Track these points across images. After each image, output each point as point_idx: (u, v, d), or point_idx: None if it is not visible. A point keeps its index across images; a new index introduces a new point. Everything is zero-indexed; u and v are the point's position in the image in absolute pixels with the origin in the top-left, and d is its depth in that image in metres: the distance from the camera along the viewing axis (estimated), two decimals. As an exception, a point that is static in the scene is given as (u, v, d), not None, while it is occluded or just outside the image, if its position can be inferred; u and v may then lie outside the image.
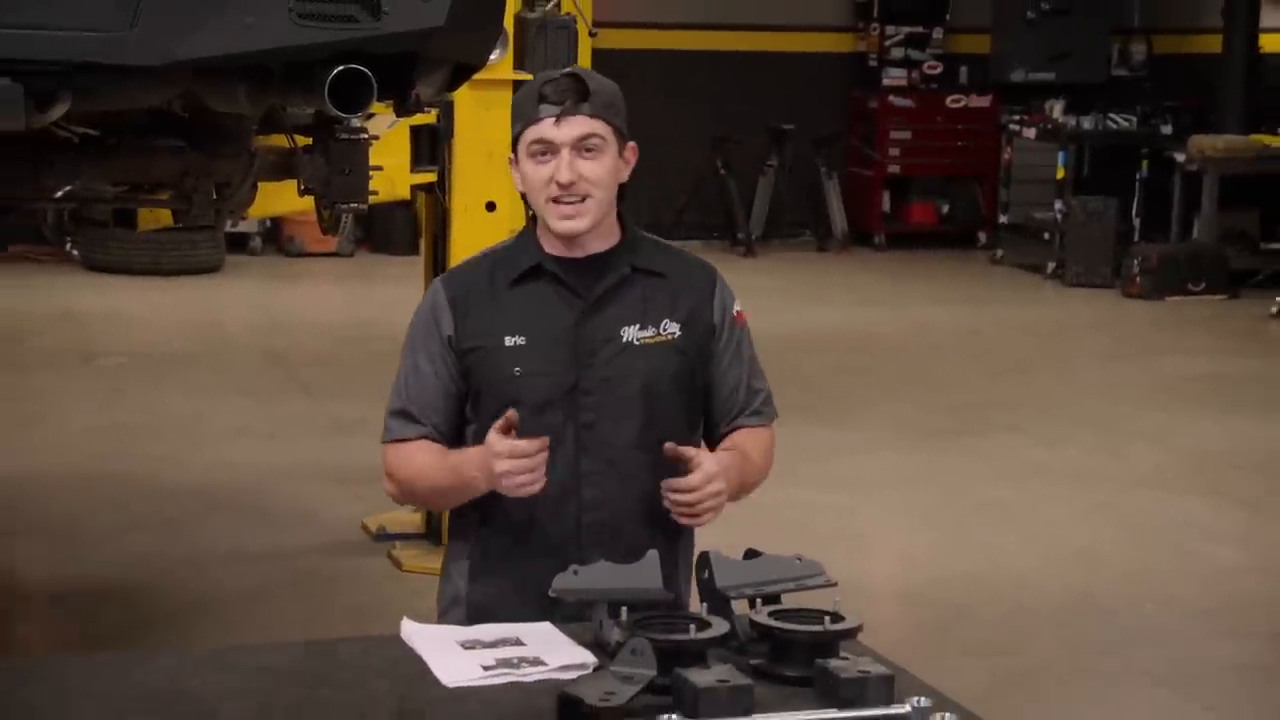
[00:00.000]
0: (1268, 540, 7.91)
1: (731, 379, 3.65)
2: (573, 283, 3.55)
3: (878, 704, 2.78)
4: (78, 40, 4.29)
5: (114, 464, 8.54)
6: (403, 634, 3.13)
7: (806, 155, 16.35)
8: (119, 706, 2.81)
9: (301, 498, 7.94)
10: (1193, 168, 14.43)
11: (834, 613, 3.01)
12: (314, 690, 2.91)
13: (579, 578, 3.03)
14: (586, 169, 3.48)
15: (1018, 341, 12.52)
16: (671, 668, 2.79)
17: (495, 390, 3.54)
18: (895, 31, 16.59)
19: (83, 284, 13.47)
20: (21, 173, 5.04)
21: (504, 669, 2.95)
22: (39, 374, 10.52)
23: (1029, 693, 5.84)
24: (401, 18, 4.40)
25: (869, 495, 8.45)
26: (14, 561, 7.20)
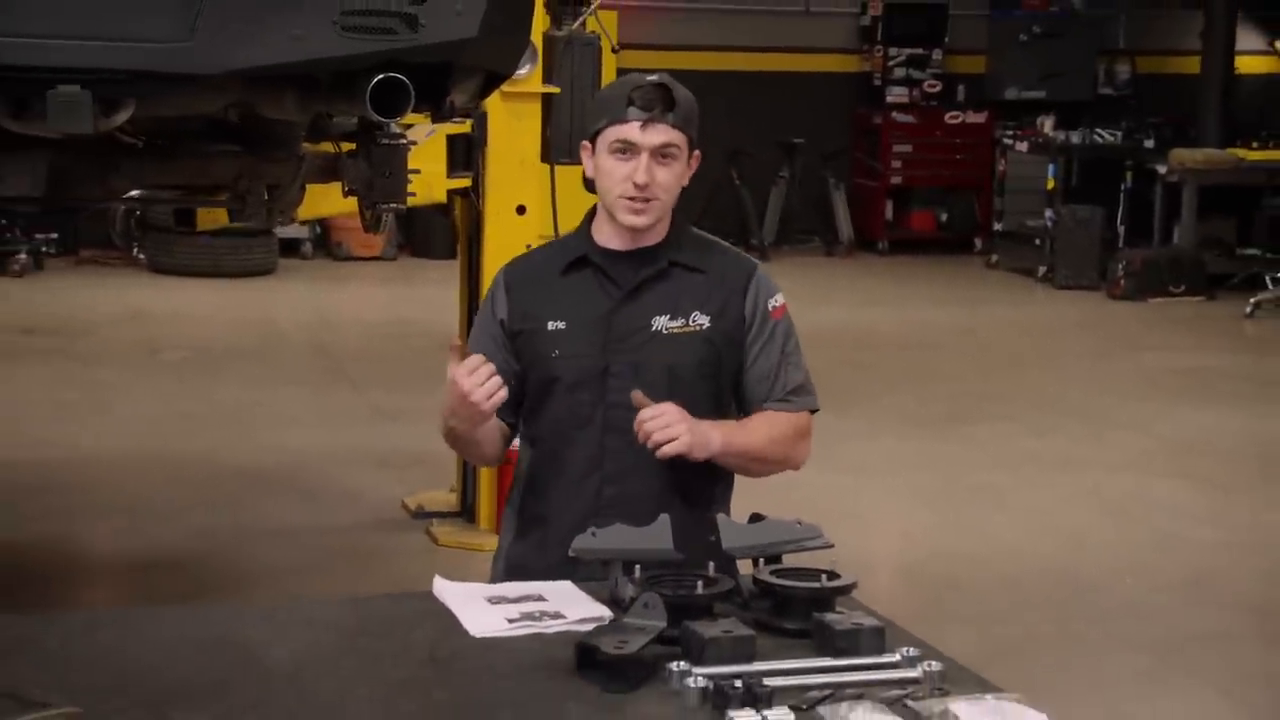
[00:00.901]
0: (1239, 520, 7.90)
1: (761, 368, 3.60)
2: (614, 273, 3.54)
3: (870, 653, 2.79)
4: (140, 50, 4.31)
5: (176, 447, 8.58)
6: (434, 590, 3.13)
7: (815, 167, 16.39)
8: (176, 652, 2.82)
9: (346, 479, 7.95)
10: (1173, 179, 14.45)
11: (831, 571, 3.00)
12: (353, 640, 2.92)
13: (596, 539, 3.03)
14: (660, 174, 3.46)
15: (1010, 339, 12.52)
16: (680, 620, 2.79)
17: (537, 369, 3.55)
18: (898, 53, 16.62)
19: (148, 285, 13.55)
20: (90, 175, 5.05)
21: (527, 622, 2.95)
22: (109, 366, 10.59)
23: (1018, 658, 5.83)
24: (437, 30, 4.40)
25: (872, 478, 8.45)
26: (87, 534, 7.25)
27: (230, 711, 2.56)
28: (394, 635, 2.93)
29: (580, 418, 3.51)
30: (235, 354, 11.03)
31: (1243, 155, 14.57)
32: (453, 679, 2.74)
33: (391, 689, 2.69)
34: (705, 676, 2.63)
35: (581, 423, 3.51)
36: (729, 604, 2.97)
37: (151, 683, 2.66)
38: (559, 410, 3.52)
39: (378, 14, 4.37)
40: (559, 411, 3.52)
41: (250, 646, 2.86)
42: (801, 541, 3.09)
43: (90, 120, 4.30)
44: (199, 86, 4.42)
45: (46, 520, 7.40)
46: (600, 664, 2.71)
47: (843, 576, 2.99)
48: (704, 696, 2.61)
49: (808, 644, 2.85)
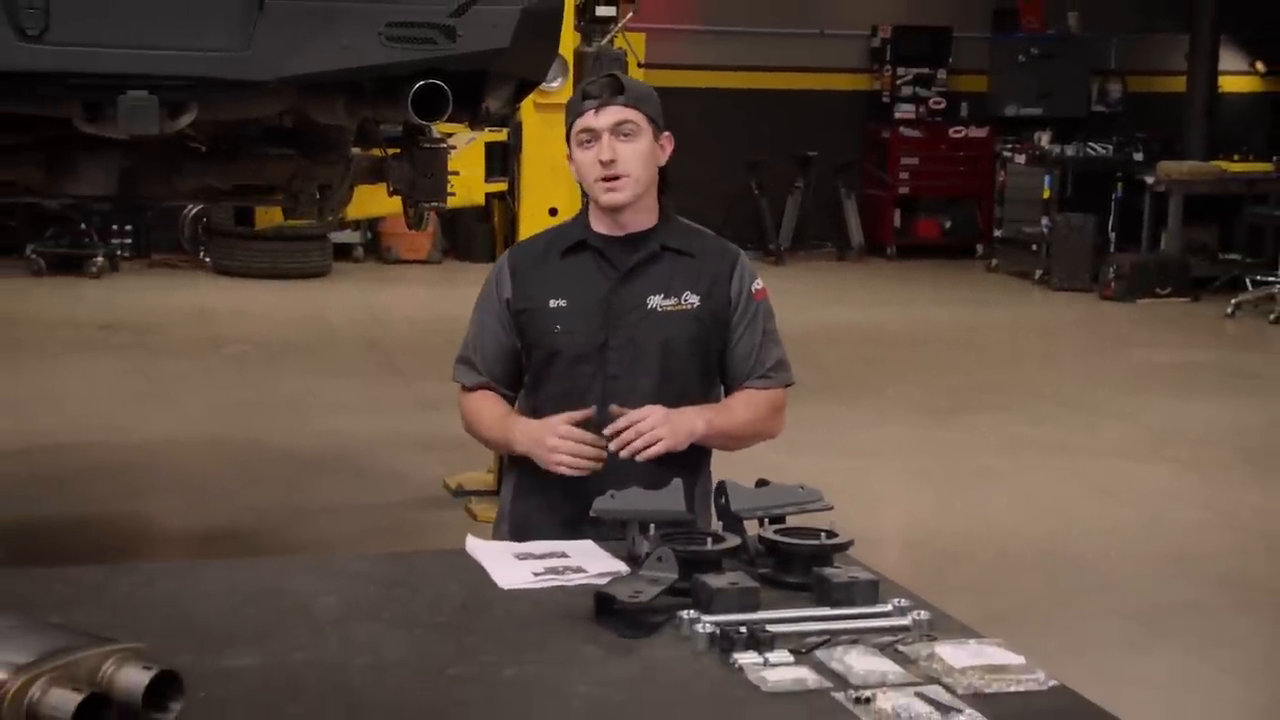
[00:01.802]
0: (1217, 501, 7.89)
1: (744, 346, 3.64)
2: (611, 256, 3.58)
3: (864, 604, 2.80)
4: (201, 59, 4.34)
5: (237, 432, 8.62)
6: (467, 548, 3.16)
7: (828, 178, 16.37)
8: (230, 600, 2.85)
9: (393, 461, 7.98)
10: (1160, 189, 14.43)
11: (829, 530, 3.02)
12: (392, 590, 2.94)
13: (615, 500, 3.04)
14: (623, 150, 3.49)
15: (1009, 337, 12.52)
16: (691, 573, 2.81)
17: (540, 344, 3.58)
18: (905, 72, 16.63)
19: (213, 285, 13.63)
20: (157, 175, 5.08)
21: (551, 575, 2.98)
22: (177, 359, 10.65)
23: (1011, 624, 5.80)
24: (473, 40, 4.43)
25: (880, 462, 8.47)
26: (155, 509, 7.30)
27: (279, 652, 2.58)
28: (430, 587, 2.95)
29: (580, 389, 3.54)
30: (292, 348, 11.09)
31: (1225, 167, 14.56)
32: (483, 625, 2.76)
33: (427, 633, 2.71)
34: (713, 623, 2.64)
35: (581, 393, 3.53)
36: (736, 559, 2.98)
37: (207, 626, 2.69)
38: (561, 382, 3.55)
39: (419, 26, 4.40)
40: (561, 383, 3.55)
41: (298, 596, 2.89)
42: (803, 504, 3.11)
43: (156, 123, 4.34)
44: (255, 92, 4.45)
45: (120, 495, 7.45)
46: (617, 612, 2.73)
47: (840, 535, 3.01)
48: (711, 641, 2.62)
49: (808, 595, 2.86)
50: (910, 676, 2.51)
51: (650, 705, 2.43)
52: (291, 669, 2.52)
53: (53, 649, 2.25)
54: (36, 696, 2.16)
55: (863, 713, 2.37)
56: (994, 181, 16.10)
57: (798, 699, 2.43)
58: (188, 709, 2.26)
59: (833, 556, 2.98)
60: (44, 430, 8.52)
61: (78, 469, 7.88)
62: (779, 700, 2.43)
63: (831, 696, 2.43)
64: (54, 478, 7.71)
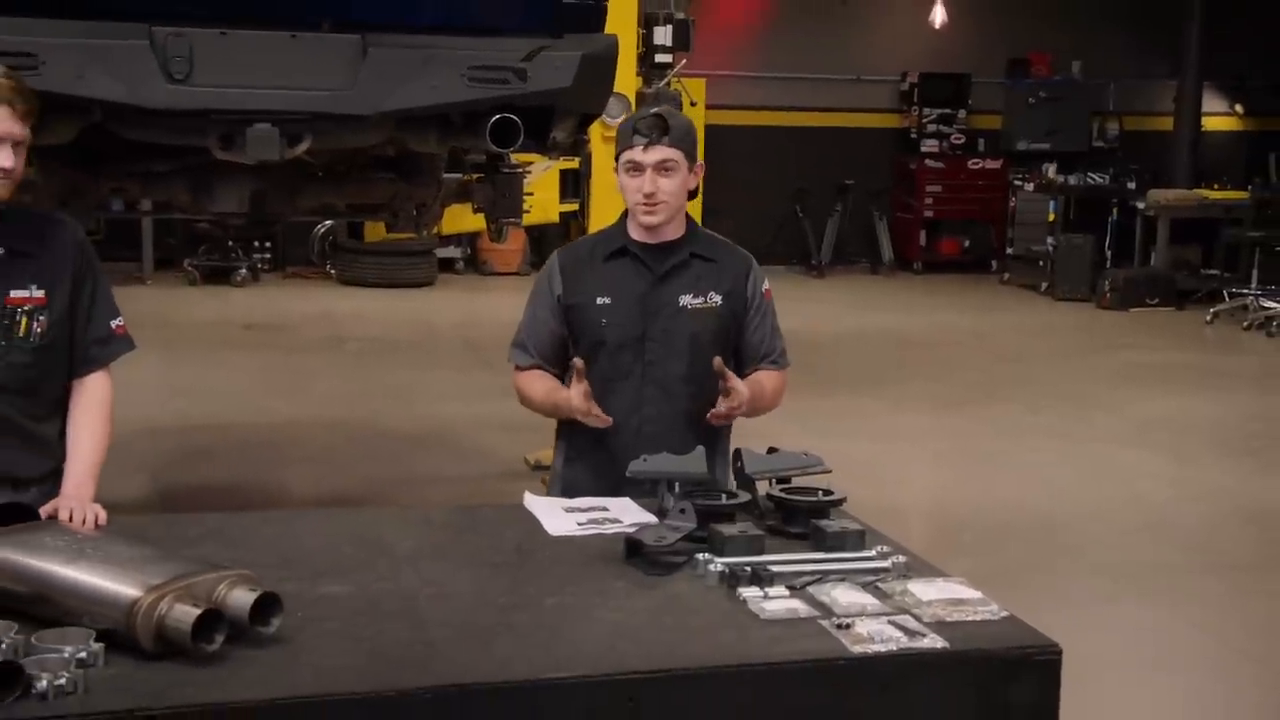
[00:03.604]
0: (1189, 480, 7.86)
1: (757, 336, 3.67)
2: (648, 261, 3.61)
3: (852, 550, 2.85)
4: (315, 97, 4.42)
5: (355, 415, 8.69)
6: (524, 503, 3.22)
7: (863, 203, 16.29)
8: (328, 541, 2.92)
9: (482, 440, 8.00)
10: (1150, 213, 14.29)
11: (826, 489, 3.06)
12: (461, 535, 3.02)
13: (647, 464, 3.08)
14: (664, 184, 3.53)
15: (1017, 340, 12.43)
16: (708, 523, 2.87)
17: (588, 334, 3.61)
18: (930, 112, 16.53)
19: (337, 293, 13.69)
20: (281, 195, 5.16)
21: (592, 524, 3.05)
22: (306, 354, 10.73)
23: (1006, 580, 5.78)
24: (541, 80, 4.50)
25: (901, 444, 8.46)
26: (286, 477, 7.38)
27: (363, 582, 2.66)
28: (491, 533, 3.02)
29: (622, 372, 3.58)
30: (401, 345, 11.15)
31: (1206, 195, 14.39)
32: (532, 564, 2.82)
33: (486, 570, 2.77)
34: (723, 564, 2.71)
35: (624, 375, 3.57)
36: (747, 513, 3.03)
37: (307, 561, 2.76)
38: (605, 366, 3.57)
39: (496, 68, 4.47)
40: (605, 367, 3.56)
41: (383, 539, 2.96)
42: (806, 467, 3.14)
43: (278, 150, 4.43)
44: (360, 125, 4.53)
45: (258, 465, 7.56)
46: (644, 554, 2.79)
47: (835, 493, 3.05)
48: (721, 579, 2.68)
49: (806, 543, 2.91)
50: (885, 608, 2.56)
51: (666, 629, 2.48)
52: (372, 596, 2.59)
53: (179, 573, 2.35)
54: (165, 610, 2.27)
55: (843, 636, 2.43)
56: (1006, 206, 15.97)
57: (790, 625, 2.49)
58: (286, 625, 2.35)
59: (829, 511, 3.01)
60: (197, 411, 8.64)
61: (224, 443, 7.99)
62: (774, 625, 2.48)
63: (818, 623, 2.49)
64: (205, 450, 7.82)
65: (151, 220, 13.46)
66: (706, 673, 2.32)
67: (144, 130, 4.59)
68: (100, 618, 2.29)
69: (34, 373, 3.18)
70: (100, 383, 3.30)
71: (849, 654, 2.37)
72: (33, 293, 3.16)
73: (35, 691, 2.10)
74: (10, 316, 3.14)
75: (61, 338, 3.22)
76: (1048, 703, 2.40)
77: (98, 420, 3.27)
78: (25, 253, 3.16)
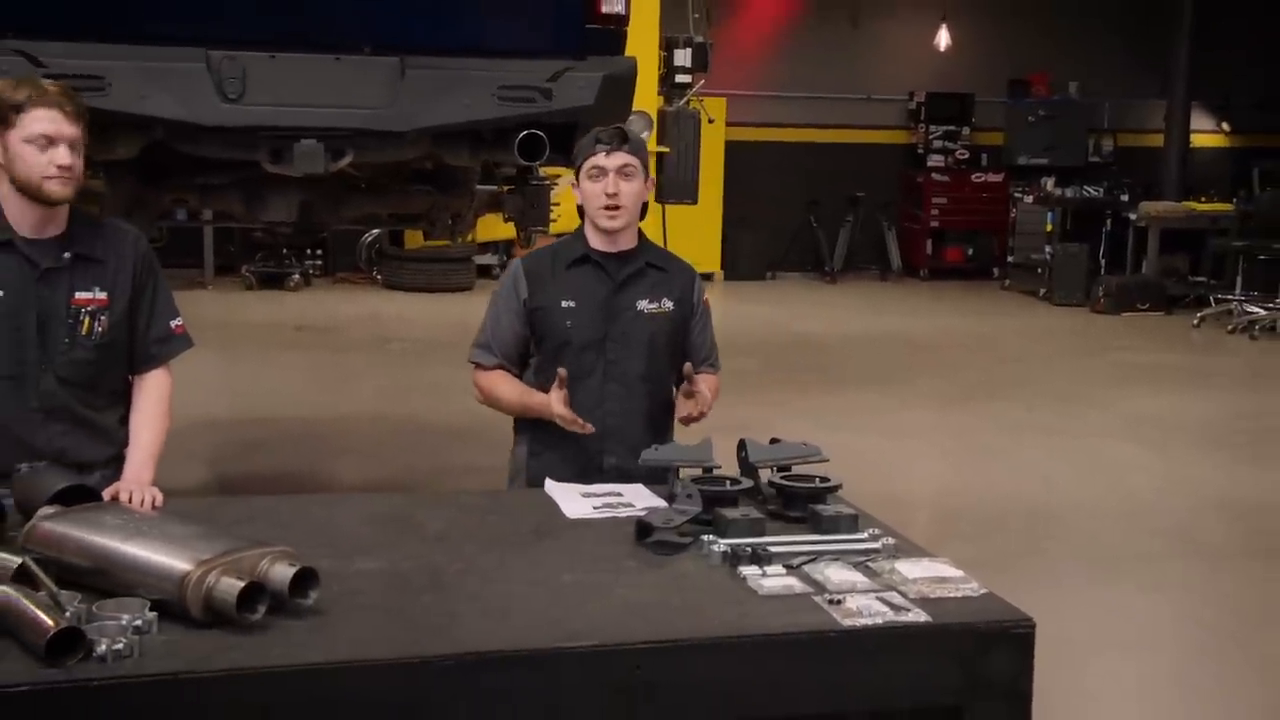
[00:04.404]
0: (1171, 472, 7.84)
1: (700, 340, 3.74)
2: (608, 268, 3.64)
3: (846, 532, 2.87)
4: (356, 115, 4.47)
5: (397, 410, 8.70)
6: (545, 488, 3.25)
7: (873, 214, 16.26)
8: (364, 522, 2.96)
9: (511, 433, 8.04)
10: (1142, 224, 14.19)
11: (824, 477, 3.08)
12: (486, 517, 3.04)
13: (658, 453, 3.11)
14: (624, 187, 3.56)
15: (1015, 342, 12.39)
16: (713, 507, 2.90)
17: (553, 335, 3.63)
18: (936, 129, 16.45)
19: (382, 297, 13.68)
20: (326, 205, 5.21)
21: (607, 508, 3.07)
22: (353, 353, 10.75)
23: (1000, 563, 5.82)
24: (565, 99, 4.54)
25: (905, 439, 8.45)
26: (334, 467, 7.42)
27: (394, 559, 2.69)
28: (514, 515, 3.05)
29: (585, 370, 3.60)
30: (441, 346, 11.03)
31: (1194, 207, 14.30)
32: (551, 544, 2.85)
33: (510, 548, 2.80)
34: (726, 545, 2.73)
35: (587, 374, 3.60)
36: (749, 498, 3.05)
37: (345, 539, 2.80)
38: (570, 365, 3.57)
39: (524, 88, 4.51)
40: (569, 366, 3.57)
41: (415, 519, 2.99)
42: (805, 457, 3.16)
43: (323, 164, 4.48)
44: (398, 140, 4.57)
45: (307, 456, 7.61)
46: (653, 535, 2.82)
47: (831, 480, 3.06)
48: (724, 558, 2.71)
49: (804, 526, 2.93)
50: (874, 585, 2.59)
51: (672, 603, 2.51)
52: (402, 571, 2.62)
53: (226, 549, 2.39)
54: (212, 582, 2.31)
55: (834, 611, 2.45)
56: (1007, 217, 15.89)
57: (785, 600, 2.51)
58: (323, 598, 2.38)
59: (825, 496, 3.03)
60: (252, 406, 8.67)
61: (276, 435, 8.02)
62: (771, 600, 2.51)
63: (812, 599, 2.51)
64: (258, 441, 7.86)
65: (212, 229, 13.57)
66: (708, 643, 2.35)
67: (201, 146, 4.65)
68: (154, 589, 2.33)
69: (95, 368, 3.25)
70: (161, 378, 3.37)
71: (839, 627, 2.39)
72: (96, 294, 3.22)
73: (96, 655, 2.14)
74: (75, 316, 3.21)
75: (121, 336, 3.28)
76: (1022, 672, 2.42)
77: (158, 412, 3.33)
78: (90, 258, 3.23)
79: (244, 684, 2.14)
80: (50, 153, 3.09)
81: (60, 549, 2.48)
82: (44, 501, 2.67)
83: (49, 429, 3.20)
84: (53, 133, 3.08)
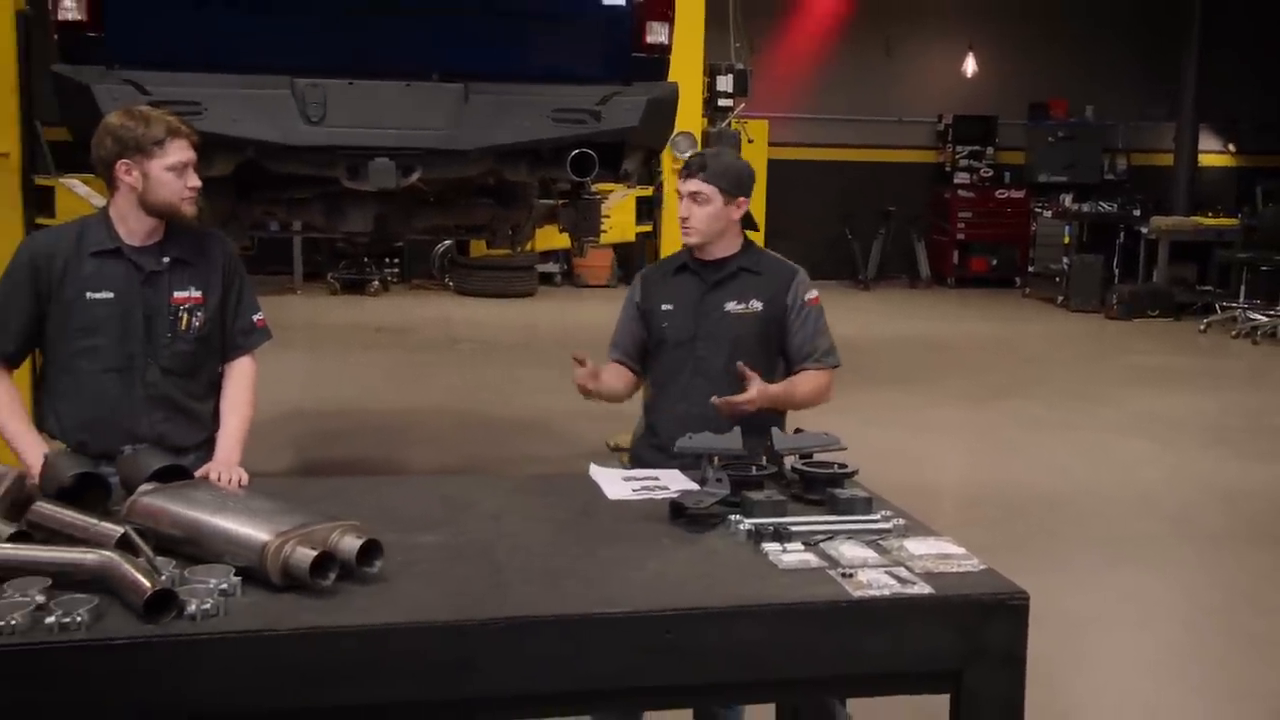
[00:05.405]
0: (1175, 464, 7.79)
1: (799, 338, 3.62)
2: (701, 275, 3.64)
3: (861, 514, 2.88)
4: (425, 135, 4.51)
5: (464, 405, 8.75)
6: (590, 473, 3.27)
7: (904, 226, 16.22)
8: (425, 501, 3.00)
9: (571, 427, 7.99)
10: (1153, 237, 14.05)
11: (842, 464, 3.08)
12: (535, 498, 3.07)
13: (692, 441, 3.12)
14: (695, 210, 3.56)
15: (1035, 345, 12.31)
16: (740, 490, 2.92)
17: (655, 334, 3.67)
18: (962, 149, 16.39)
19: (453, 302, 13.76)
20: (399, 218, 5.26)
21: (645, 491, 3.09)
22: (425, 352, 10.81)
23: (1015, 547, 5.84)
24: (613, 120, 4.56)
25: (930, 433, 8.44)
26: (405, 455, 7.46)
27: (451, 534, 2.73)
28: (562, 496, 3.07)
29: (678, 366, 3.62)
30: (505, 346, 11.20)
31: (1201, 221, 14.15)
32: (593, 522, 2.88)
33: (556, 526, 2.83)
34: (751, 524, 2.76)
35: (678, 369, 3.61)
36: (774, 482, 3.07)
37: (407, 515, 2.83)
38: (666, 361, 3.63)
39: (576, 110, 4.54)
40: (666, 362, 3.63)
41: (471, 500, 3.03)
42: (825, 445, 3.16)
43: (394, 180, 4.54)
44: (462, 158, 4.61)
45: (382, 445, 7.66)
46: (685, 515, 2.85)
47: (849, 466, 3.07)
48: (749, 536, 2.73)
49: (823, 508, 2.94)
50: (883, 561, 2.61)
51: (701, 575, 2.53)
52: (458, 545, 2.66)
53: (302, 523, 2.44)
54: (289, 552, 2.37)
55: (846, 583, 2.47)
56: (1028, 230, 15.82)
57: (802, 573, 2.54)
58: (387, 567, 2.43)
59: (843, 481, 3.04)
60: (334, 399, 8.76)
61: (355, 426, 8.11)
62: (789, 574, 2.54)
63: (827, 573, 2.53)
64: (339, 431, 7.95)
65: (300, 240, 13.73)
66: (731, 611, 2.37)
67: (286, 164, 4.72)
68: (238, 557, 2.39)
69: (193, 360, 3.34)
70: (246, 365, 3.46)
71: (850, 598, 2.41)
72: (192, 293, 3.32)
73: (187, 613, 2.21)
74: (175, 313, 3.30)
75: (215, 330, 3.37)
76: (1017, 639, 2.43)
77: (244, 399, 3.41)
78: (186, 261, 3.32)
79: (316, 641, 2.19)
80: (185, 177, 3.21)
81: (157, 521, 2.54)
82: (144, 479, 2.74)
83: (151, 415, 3.28)
84: (187, 160, 3.21)
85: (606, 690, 2.36)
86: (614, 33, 4.78)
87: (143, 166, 3.20)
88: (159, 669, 2.14)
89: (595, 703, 2.57)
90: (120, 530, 2.46)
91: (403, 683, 2.22)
